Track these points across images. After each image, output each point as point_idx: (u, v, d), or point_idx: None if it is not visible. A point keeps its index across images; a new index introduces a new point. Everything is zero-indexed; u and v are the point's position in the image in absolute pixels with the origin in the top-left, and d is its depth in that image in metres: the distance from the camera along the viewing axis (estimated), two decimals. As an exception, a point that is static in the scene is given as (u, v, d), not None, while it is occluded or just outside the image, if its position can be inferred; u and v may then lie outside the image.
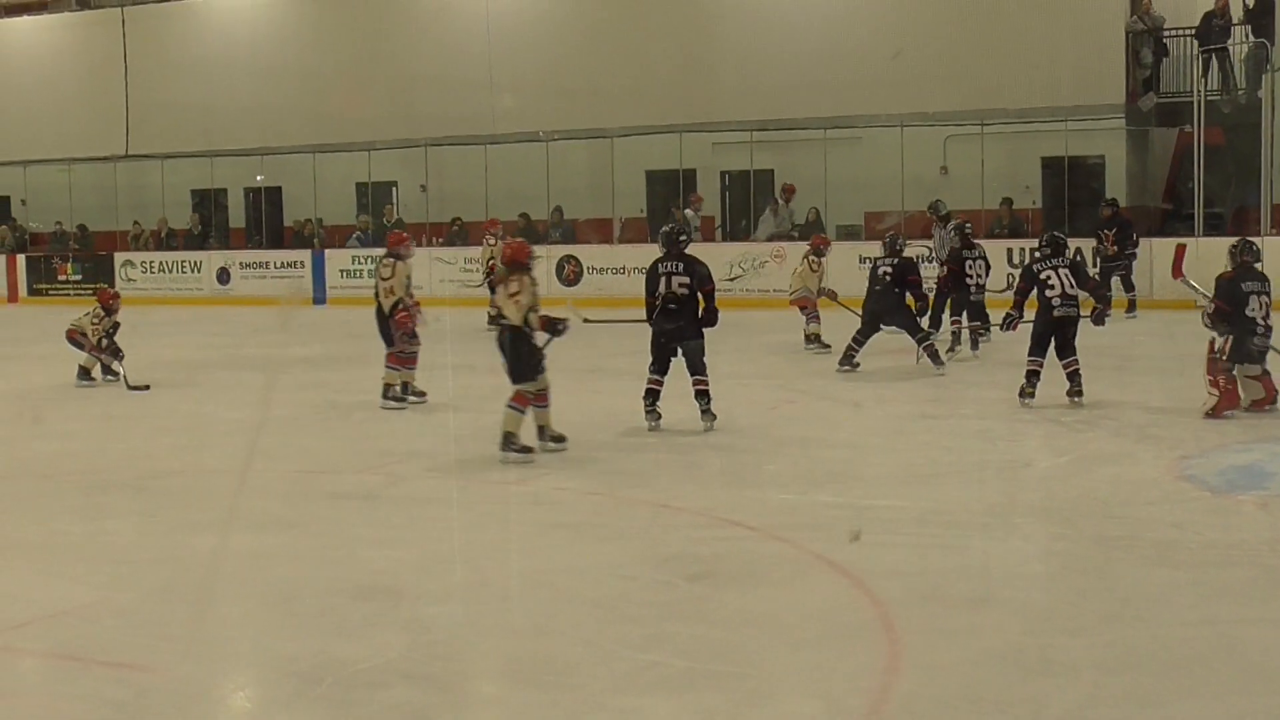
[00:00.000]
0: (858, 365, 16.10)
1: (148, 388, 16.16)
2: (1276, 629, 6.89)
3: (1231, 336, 12.54)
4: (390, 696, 6.14)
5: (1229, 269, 13.10)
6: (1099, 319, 14.13)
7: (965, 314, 18.12)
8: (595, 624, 7.12)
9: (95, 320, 16.57)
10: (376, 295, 14.95)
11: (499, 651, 6.87)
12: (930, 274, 21.58)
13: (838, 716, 5.93)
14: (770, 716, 5.93)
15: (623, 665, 6.51)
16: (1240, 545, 8.44)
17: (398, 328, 14.35)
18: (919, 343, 16.01)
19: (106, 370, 16.72)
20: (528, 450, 11.47)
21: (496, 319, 12.02)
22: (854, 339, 16.34)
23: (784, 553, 8.51)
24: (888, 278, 16.21)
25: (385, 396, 14.42)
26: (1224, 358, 12.44)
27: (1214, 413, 12.38)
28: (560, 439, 11.80)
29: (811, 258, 18.66)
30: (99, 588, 8.02)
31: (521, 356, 11.72)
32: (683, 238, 12.83)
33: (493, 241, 24.35)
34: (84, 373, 16.69)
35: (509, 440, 11.40)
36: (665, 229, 13.11)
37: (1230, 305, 12.72)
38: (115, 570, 8.44)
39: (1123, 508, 9.43)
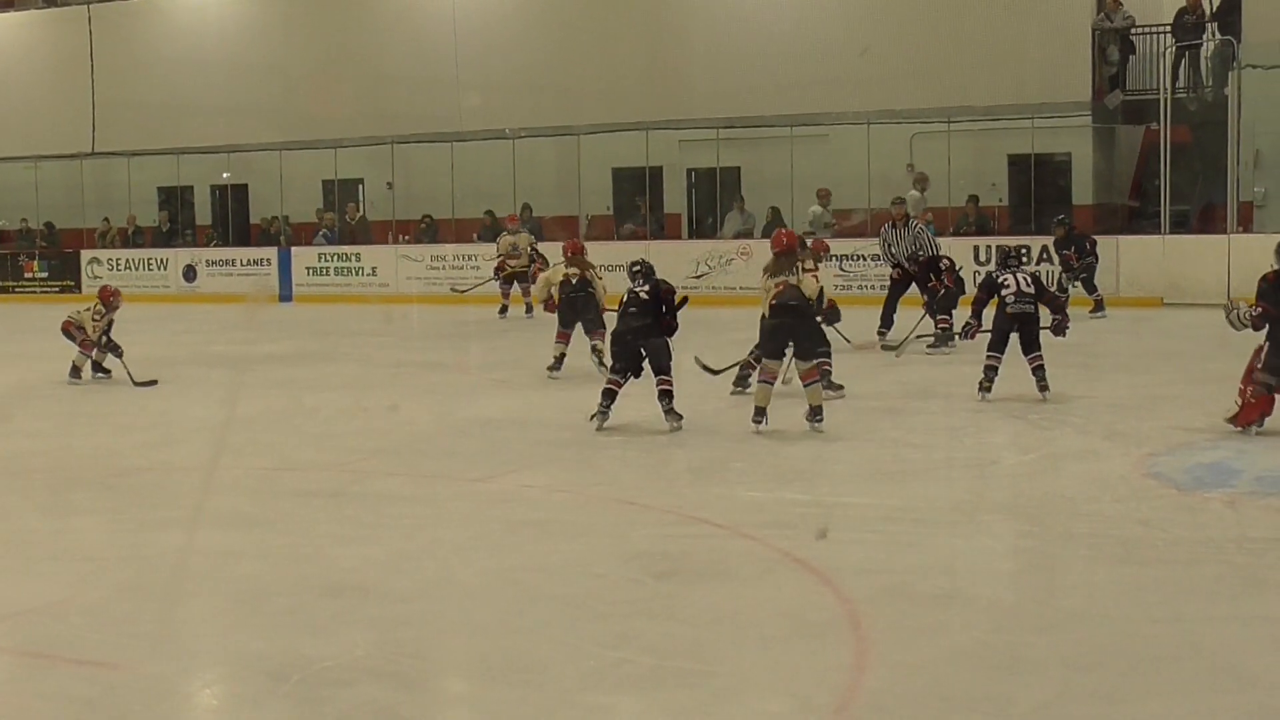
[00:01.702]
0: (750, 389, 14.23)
1: (155, 383, 16.12)
2: (1244, 627, 6.92)
3: (1269, 344, 11.60)
4: (358, 694, 6.14)
5: (1273, 269, 11.89)
6: (1059, 329, 14.08)
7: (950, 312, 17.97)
8: (563, 621, 7.12)
9: (96, 316, 16.44)
10: (584, 287, 16.36)
11: (467, 649, 6.87)
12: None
13: (806, 714, 5.94)
14: (738, 714, 5.94)
15: (591, 663, 6.51)
16: (1207, 543, 8.47)
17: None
18: (819, 357, 13.69)
19: (98, 368, 16.61)
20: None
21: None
22: (751, 357, 14.28)
23: (752, 550, 8.52)
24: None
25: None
26: (1262, 368, 11.55)
27: (1234, 422, 11.72)
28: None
29: (811, 262, 18.20)
30: (66, 585, 8.00)
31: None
32: (636, 267, 13.27)
33: (510, 236, 25.00)
34: (75, 370, 16.55)
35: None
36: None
37: (1275, 308, 11.65)
38: (83, 568, 8.42)
39: (1090, 505, 9.46)
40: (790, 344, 12.59)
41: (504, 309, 24.32)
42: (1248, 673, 6.25)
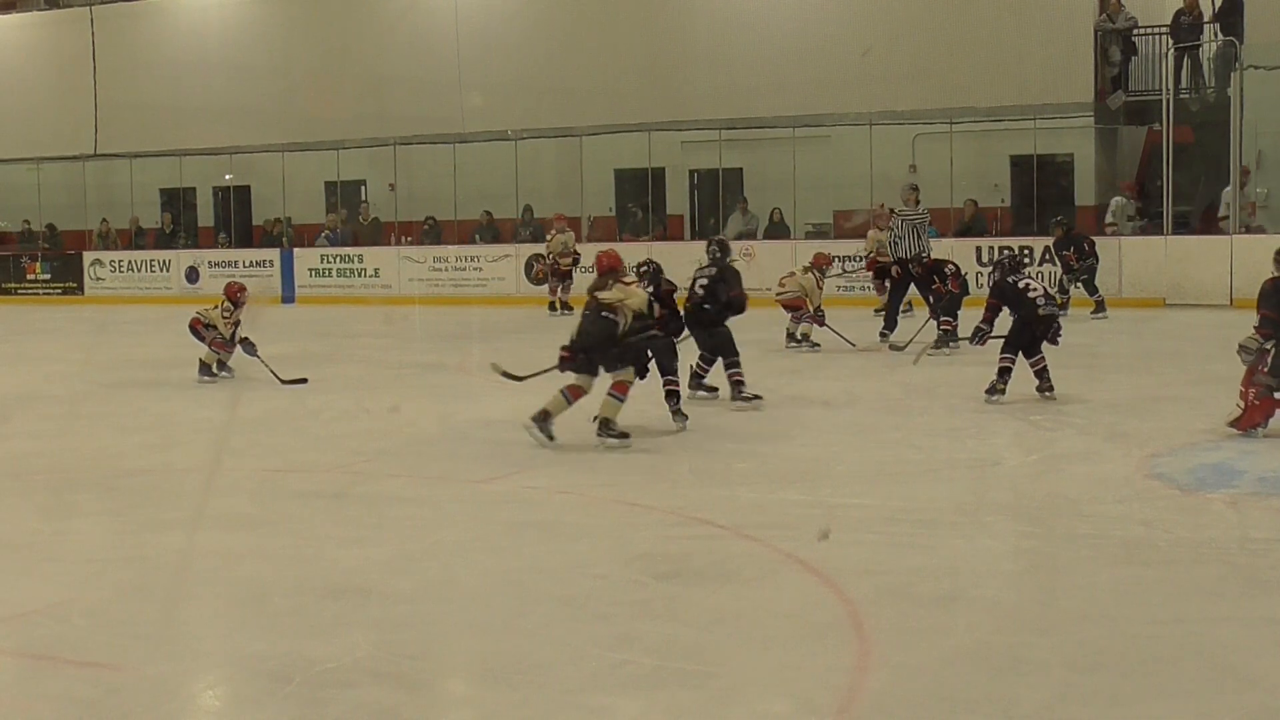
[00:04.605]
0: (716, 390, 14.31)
1: (304, 381, 16.10)
2: (1246, 627, 6.91)
3: (1276, 348, 11.38)
4: (359, 695, 6.13)
5: (1275, 273, 11.68)
6: (1053, 337, 14.05)
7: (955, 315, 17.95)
8: (565, 622, 7.11)
9: (225, 313, 16.50)
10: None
11: (468, 650, 6.86)
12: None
13: (807, 715, 5.93)
14: (740, 715, 5.92)
15: (592, 664, 6.50)
16: (1210, 543, 8.46)
17: None
18: (731, 367, 13.93)
19: (223, 366, 16.67)
20: (624, 436, 11.87)
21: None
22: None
23: (754, 551, 8.51)
24: (702, 290, 14.45)
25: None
26: (1267, 370, 11.36)
27: (1237, 425, 11.56)
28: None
29: (815, 273, 18.23)
30: (68, 587, 7.98)
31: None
32: (643, 268, 13.24)
33: (554, 233, 26.09)
34: (205, 368, 16.56)
35: (607, 426, 11.89)
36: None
37: (1276, 313, 11.41)
38: (84, 569, 8.40)
39: (1092, 506, 9.44)
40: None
41: (553, 305, 25.10)
42: (1250, 674, 6.24)
